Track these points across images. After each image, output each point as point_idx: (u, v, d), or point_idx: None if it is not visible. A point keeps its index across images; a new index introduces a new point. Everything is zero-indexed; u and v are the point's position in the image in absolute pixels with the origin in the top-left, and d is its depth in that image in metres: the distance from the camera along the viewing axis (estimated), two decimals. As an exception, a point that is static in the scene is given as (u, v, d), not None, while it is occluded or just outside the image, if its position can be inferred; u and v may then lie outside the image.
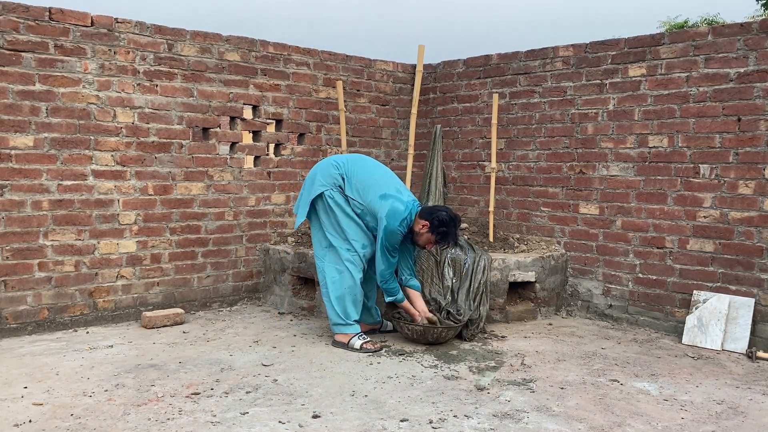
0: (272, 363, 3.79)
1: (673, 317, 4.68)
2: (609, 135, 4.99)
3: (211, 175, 5.11)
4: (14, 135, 4.22)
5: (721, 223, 4.47)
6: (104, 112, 4.55)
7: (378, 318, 4.51)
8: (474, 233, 5.36)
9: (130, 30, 4.62)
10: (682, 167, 4.64)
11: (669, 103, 4.68)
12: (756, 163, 4.31)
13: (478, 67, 5.88)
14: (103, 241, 4.62)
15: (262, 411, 3.06)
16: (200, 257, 5.11)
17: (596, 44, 5.07)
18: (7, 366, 3.64)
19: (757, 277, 4.31)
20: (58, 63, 4.33)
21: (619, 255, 4.99)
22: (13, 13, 4.15)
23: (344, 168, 4.19)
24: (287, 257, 5.18)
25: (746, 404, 3.29)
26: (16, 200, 4.26)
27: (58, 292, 4.45)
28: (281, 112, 5.46)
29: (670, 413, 3.14)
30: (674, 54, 4.64)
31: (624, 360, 4.00)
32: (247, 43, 5.21)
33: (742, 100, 4.35)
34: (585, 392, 3.41)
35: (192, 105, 4.95)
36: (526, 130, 5.53)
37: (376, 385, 3.45)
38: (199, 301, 5.13)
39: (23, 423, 2.86)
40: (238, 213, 5.30)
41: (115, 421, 2.91)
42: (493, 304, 4.83)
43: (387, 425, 2.92)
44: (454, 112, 6.08)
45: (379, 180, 4.18)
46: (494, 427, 2.93)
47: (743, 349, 4.20)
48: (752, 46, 4.29)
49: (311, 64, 5.61)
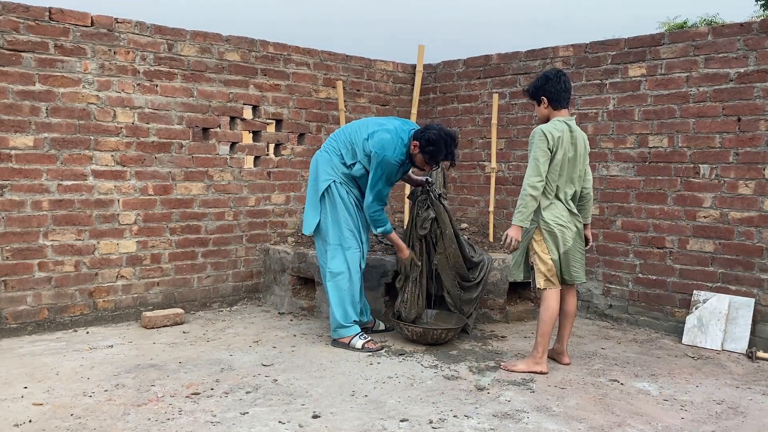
0: (272, 363, 3.79)
1: (673, 317, 4.68)
2: (609, 135, 4.99)
3: (211, 175, 5.11)
4: (14, 135, 4.22)
5: (721, 223, 4.47)
6: (104, 112, 4.55)
7: (369, 317, 4.50)
8: (474, 233, 5.36)
9: (130, 30, 4.62)
10: (682, 167, 4.64)
11: (669, 103, 4.68)
12: (756, 163, 4.31)
13: (478, 67, 5.88)
14: (103, 241, 4.62)
15: (262, 411, 3.06)
16: (200, 257, 5.11)
17: (596, 44, 5.07)
18: (7, 366, 3.64)
19: (757, 277, 4.31)
20: (58, 63, 4.33)
21: (619, 255, 4.99)
22: (13, 13, 4.15)
23: (335, 141, 4.20)
24: (287, 257, 5.18)
25: (746, 404, 3.29)
26: (16, 200, 4.26)
27: (58, 292, 4.45)
28: (281, 112, 5.46)
29: (670, 413, 3.15)
30: (674, 54, 4.64)
31: (624, 360, 4.00)
32: (247, 43, 5.21)
33: (742, 100, 4.35)
34: (585, 392, 3.41)
35: (192, 105, 4.95)
36: (526, 130, 5.53)
37: (376, 385, 3.45)
38: (199, 301, 5.13)
39: (23, 423, 2.86)
40: (238, 213, 5.30)
41: (115, 421, 2.91)
42: (493, 304, 4.83)
43: (387, 425, 2.92)
44: (454, 112, 6.08)
45: (361, 127, 4.18)
46: (494, 427, 2.93)
47: (743, 349, 4.20)
48: (752, 46, 4.29)
49: (311, 64, 5.61)
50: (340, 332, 4.16)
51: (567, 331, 3.88)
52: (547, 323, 3.67)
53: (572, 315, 3.87)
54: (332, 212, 4.16)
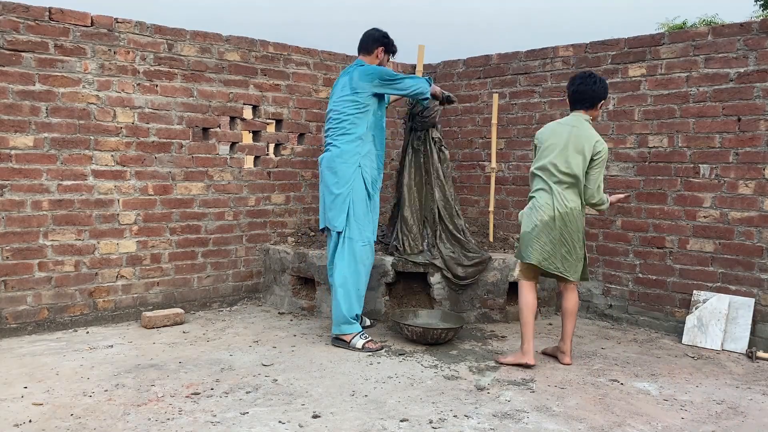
0: (272, 363, 3.79)
1: (673, 317, 4.68)
2: (609, 135, 4.99)
3: (211, 175, 5.11)
4: (14, 135, 4.22)
5: (721, 223, 4.47)
6: (104, 112, 4.55)
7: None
8: (474, 233, 5.36)
9: (130, 30, 4.62)
10: (682, 167, 4.64)
11: (669, 103, 4.68)
12: (756, 163, 4.31)
13: (478, 67, 5.88)
14: (103, 241, 4.62)
15: (262, 411, 3.06)
16: (200, 257, 5.11)
17: (596, 44, 5.07)
18: (7, 366, 3.64)
19: (757, 277, 4.31)
20: (58, 63, 4.33)
21: (619, 255, 4.99)
22: (13, 13, 4.15)
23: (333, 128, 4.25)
24: (287, 257, 5.18)
25: (746, 404, 3.29)
26: (16, 200, 4.26)
27: (58, 292, 4.45)
28: (281, 112, 5.46)
29: (670, 413, 3.15)
30: (674, 54, 4.64)
31: (624, 360, 4.00)
32: (247, 43, 5.21)
33: (742, 100, 4.35)
34: (585, 392, 3.42)
35: (192, 105, 4.95)
36: (526, 130, 5.53)
37: (376, 385, 3.45)
38: (199, 301, 5.13)
39: (23, 423, 2.86)
40: (238, 213, 5.30)
41: (115, 421, 2.91)
42: (492, 304, 4.83)
43: (387, 425, 2.92)
44: (454, 112, 6.08)
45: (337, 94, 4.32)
46: (494, 427, 2.93)
47: (743, 349, 4.20)
48: (752, 46, 4.29)
49: (311, 64, 5.61)
50: (344, 328, 4.13)
51: (567, 329, 3.85)
52: (522, 314, 3.80)
53: (570, 313, 3.84)
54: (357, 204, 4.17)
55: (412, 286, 4.91)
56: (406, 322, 4.36)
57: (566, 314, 3.84)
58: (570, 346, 3.88)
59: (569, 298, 3.84)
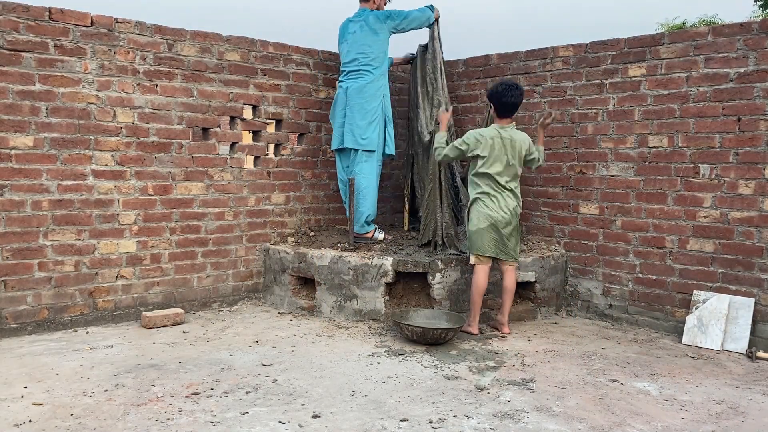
0: (272, 363, 3.79)
1: (673, 317, 4.68)
2: (609, 135, 4.99)
3: (211, 175, 5.10)
4: (14, 135, 4.22)
5: (721, 223, 4.47)
6: (104, 112, 4.55)
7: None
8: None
9: (130, 30, 4.61)
10: (682, 167, 4.64)
11: (669, 103, 4.68)
12: (756, 163, 4.31)
13: (478, 67, 5.87)
14: (103, 241, 4.62)
15: (262, 411, 3.06)
16: (200, 257, 5.11)
17: (596, 44, 5.07)
18: (7, 366, 3.64)
19: (757, 277, 4.31)
20: (58, 63, 4.33)
21: (619, 255, 4.99)
22: (13, 13, 4.15)
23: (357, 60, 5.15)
24: (287, 257, 5.18)
25: (746, 404, 3.29)
26: (16, 200, 4.26)
27: (58, 292, 4.45)
28: (281, 112, 5.45)
29: (670, 413, 3.15)
30: (674, 54, 4.64)
31: (624, 360, 4.01)
32: (247, 43, 5.21)
33: (742, 100, 4.35)
34: (585, 392, 3.42)
35: (192, 105, 4.95)
36: (526, 130, 5.52)
37: (376, 385, 3.45)
38: (199, 301, 5.13)
39: (23, 423, 2.86)
40: (238, 213, 5.30)
41: (115, 421, 2.91)
42: (493, 304, 4.83)
43: (387, 425, 2.92)
44: (454, 112, 6.07)
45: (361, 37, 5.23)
46: (494, 427, 2.93)
47: (743, 349, 4.20)
48: (752, 46, 4.29)
49: (311, 64, 5.61)
50: (366, 227, 5.15)
51: (506, 304, 4.57)
52: (473, 294, 4.53)
53: (509, 290, 4.55)
54: (380, 122, 5.13)
55: (412, 286, 4.91)
56: (406, 322, 4.36)
57: (506, 291, 4.57)
58: (507, 318, 4.58)
59: (509, 278, 4.55)
